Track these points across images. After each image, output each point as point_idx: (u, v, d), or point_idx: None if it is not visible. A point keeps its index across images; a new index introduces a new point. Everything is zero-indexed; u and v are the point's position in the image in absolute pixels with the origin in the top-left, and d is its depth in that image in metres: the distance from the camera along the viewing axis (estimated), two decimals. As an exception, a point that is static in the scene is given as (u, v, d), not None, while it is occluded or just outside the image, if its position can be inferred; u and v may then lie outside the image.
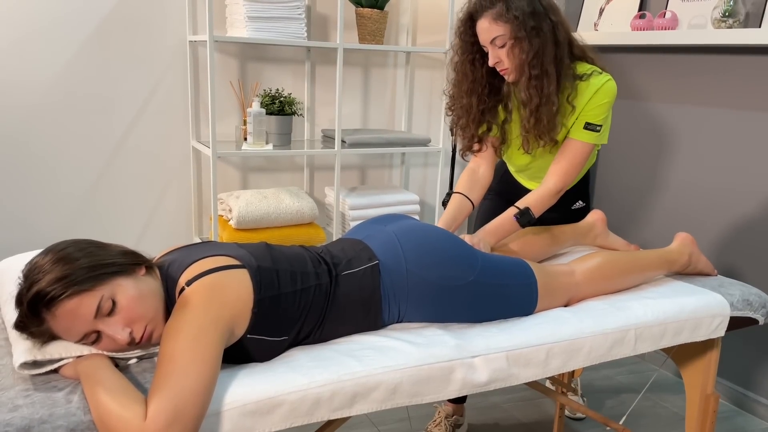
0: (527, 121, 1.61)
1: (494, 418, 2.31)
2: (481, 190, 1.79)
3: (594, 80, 1.62)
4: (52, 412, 0.92)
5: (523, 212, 1.64)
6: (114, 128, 2.54)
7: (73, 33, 2.41)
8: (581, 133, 1.65)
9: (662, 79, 2.69)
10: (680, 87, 2.62)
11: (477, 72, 1.66)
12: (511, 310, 1.39)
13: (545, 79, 1.56)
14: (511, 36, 1.54)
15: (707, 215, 2.55)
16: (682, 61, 2.60)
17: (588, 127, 1.64)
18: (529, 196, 1.68)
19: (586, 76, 1.63)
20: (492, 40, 1.56)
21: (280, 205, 2.54)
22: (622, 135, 2.90)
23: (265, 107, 2.53)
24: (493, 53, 1.58)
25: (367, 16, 2.68)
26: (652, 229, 2.80)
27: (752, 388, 2.44)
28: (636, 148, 2.84)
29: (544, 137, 1.63)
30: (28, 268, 1.04)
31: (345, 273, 1.26)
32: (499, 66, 1.60)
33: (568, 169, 1.67)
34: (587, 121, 1.64)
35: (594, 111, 1.63)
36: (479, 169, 1.80)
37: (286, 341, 1.17)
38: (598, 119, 1.64)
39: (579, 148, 1.67)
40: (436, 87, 3.12)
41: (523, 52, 1.54)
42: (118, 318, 1.04)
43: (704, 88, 2.52)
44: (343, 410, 1.10)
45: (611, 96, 1.63)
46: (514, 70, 1.59)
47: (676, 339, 1.45)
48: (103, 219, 2.60)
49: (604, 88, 1.62)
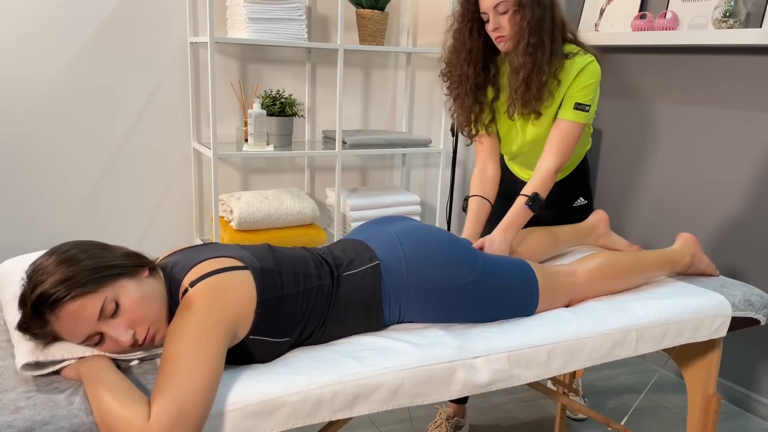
0: (517, 88, 1.66)
1: (495, 419, 2.31)
2: (494, 187, 1.82)
3: (578, 59, 1.67)
4: (54, 414, 0.93)
5: (533, 198, 1.66)
6: (115, 129, 2.55)
7: (74, 34, 2.41)
8: (571, 113, 1.69)
9: (663, 80, 2.69)
10: (681, 87, 2.62)
11: (474, 42, 1.70)
12: (512, 311, 1.39)
13: (540, 49, 1.61)
14: (515, 2, 1.58)
15: (709, 215, 2.55)
16: (683, 61, 2.60)
17: (578, 107, 1.68)
18: (531, 181, 1.70)
19: (572, 54, 1.68)
20: (495, 6, 1.60)
21: (281, 206, 2.54)
22: (624, 135, 2.90)
23: (266, 108, 2.53)
24: (494, 19, 1.62)
25: (368, 17, 2.68)
26: (654, 229, 2.80)
27: (754, 388, 2.44)
28: (638, 148, 2.84)
29: (529, 106, 1.67)
30: (32, 270, 1.04)
31: (346, 274, 1.26)
32: (497, 32, 1.63)
33: (561, 147, 1.70)
34: (576, 101, 1.68)
35: (582, 91, 1.67)
36: (487, 169, 1.83)
37: (288, 342, 1.17)
38: (587, 99, 1.68)
39: (570, 128, 1.70)
40: (436, 88, 3.12)
41: (524, 19, 1.59)
42: (122, 320, 1.04)
43: (705, 88, 2.52)
44: (345, 411, 1.10)
45: (597, 76, 1.68)
46: (511, 38, 1.63)
47: (678, 339, 1.45)
48: (105, 220, 2.60)
49: (588, 69, 1.67)
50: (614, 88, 2.91)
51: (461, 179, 3.28)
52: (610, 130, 2.96)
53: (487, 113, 1.78)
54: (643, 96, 2.78)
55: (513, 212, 1.66)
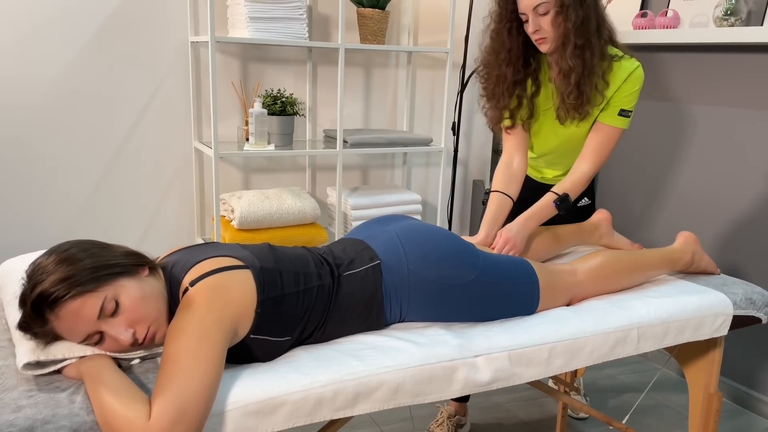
0: (568, 93, 1.61)
1: (497, 418, 2.31)
2: (518, 183, 1.75)
3: (626, 63, 1.64)
4: (56, 413, 0.93)
5: (562, 198, 1.65)
6: (116, 129, 2.55)
7: (75, 34, 2.41)
8: (615, 119, 1.67)
9: (664, 78, 2.69)
10: (682, 86, 2.61)
11: (514, 42, 1.64)
12: (512, 310, 1.39)
13: (588, 50, 1.56)
14: (556, 4, 1.54)
15: (710, 214, 2.55)
16: (683, 59, 2.60)
17: (622, 113, 1.66)
18: (565, 181, 1.68)
19: (618, 57, 1.64)
20: (535, 7, 1.55)
21: (282, 205, 2.54)
22: (625, 133, 2.90)
23: (267, 108, 2.53)
24: (534, 21, 1.57)
25: (369, 16, 2.68)
26: (654, 227, 2.80)
27: (755, 386, 2.43)
28: (638, 147, 2.83)
29: (582, 110, 1.63)
30: (32, 269, 1.04)
31: (347, 273, 1.26)
32: (537, 34, 1.58)
33: (601, 153, 1.68)
34: (622, 107, 1.65)
35: (628, 97, 1.65)
36: (513, 161, 1.77)
37: (289, 341, 1.17)
38: (631, 105, 1.66)
39: (611, 134, 1.68)
40: (437, 87, 3.12)
41: (569, 21, 1.54)
42: (122, 319, 1.04)
43: (706, 86, 2.52)
44: (346, 410, 1.10)
45: (641, 83, 1.65)
46: (553, 40, 1.58)
47: (679, 338, 1.45)
48: (106, 219, 2.61)
49: (636, 74, 1.64)
50: (615, 86, 2.91)
51: (462, 178, 3.28)
52: (612, 129, 2.96)
53: (525, 109, 1.73)
54: (644, 95, 2.78)
55: (540, 205, 1.64)
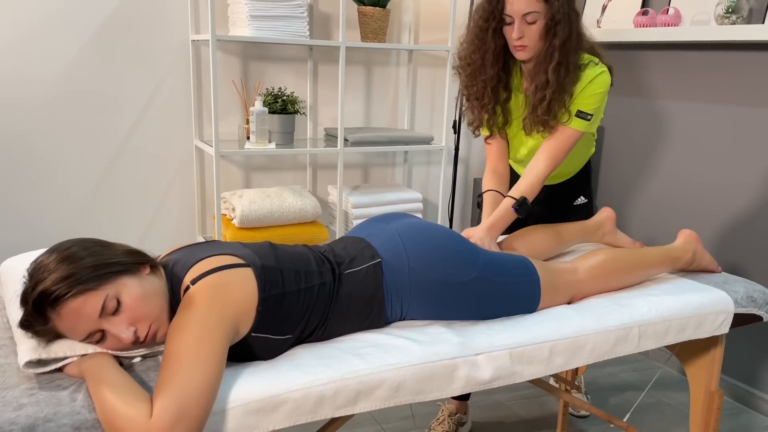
0: (538, 106, 1.61)
1: (498, 416, 2.31)
2: (507, 184, 1.81)
3: (589, 71, 1.64)
4: (57, 411, 0.93)
5: (520, 203, 1.64)
6: (117, 128, 2.55)
7: (76, 33, 2.41)
8: (573, 121, 1.66)
9: (665, 76, 2.68)
10: (683, 84, 2.61)
11: (497, 42, 1.64)
12: (513, 308, 1.39)
13: (564, 68, 1.57)
14: (548, 17, 1.54)
15: (711, 212, 2.55)
16: (685, 57, 2.59)
17: (579, 115, 1.65)
18: (520, 183, 1.67)
19: (584, 66, 1.64)
20: (525, 14, 1.54)
21: (283, 203, 2.54)
22: (625, 132, 2.90)
23: (268, 106, 2.53)
24: (519, 27, 1.56)
25: (370, 15, 2.68)
26: (655, 226, 2.80)
27: (756, 385, 2.43)
28: (639, 145, 2.83)
29: (547, 124, 1.64)
30: (33, 267, 1.04)
31: (348, 271, 1.26)
32: (519, 41, 1.58)
33: (556, 153, 1.67)
34: (579, 109, 1.64)
35: (587, 100, 1.64)
36: (498, 167, 1.82)
37: (290, 339, 1.17)
38: (590, 108, 1.64)
39: (569, 135, 1.67)
40: (438, 85, 3.12)
41: (557, 38, 1.54)
42: (123, 317, 1.05)
43: (708, 84, 2.52)
44: (347, 408, 1.10)
45: (605, 86, 1.64)
46: (533, 49, 1.58)
47: (680, 336, 1.45)
48: (107, 218, 2.61)
49: (598, 79, 1.63)
50: (616, 85, 2.91)
51: (463, 176, 3.28)
52: (612, 127, 2.96)
53: (500, 115, 1.75)
54: (645, 93, 2.78)
55: (499, 212, 1.63)
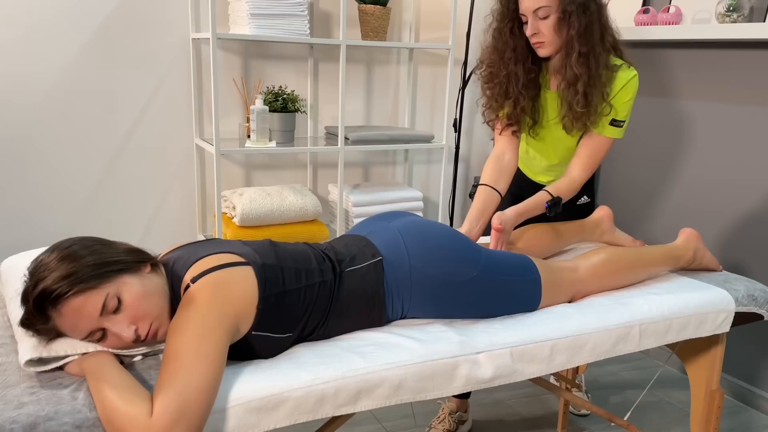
0: (576, 101, 1.57)
1: (498, 415, 2.31)
2: (508, 178, 1.73)
3: (622, 74, 1.62)
4: (58, 409, 0.93)
5: (555, 201, 1.63)
6: (118, 126, 2.55)
7: (77, 31, 2.41)
8: (606, 129, 1.66)
9: (666, 75, 2.68)
10: (685, 82, 2.61)
11: (518, 40, 1.62)
12: (514, 306, 1.39)
13: (593, 58, 1.54)
14: (558, 9, 1.52)
15: (712, 211, 2.54)
16: (686, 56, 2.59)
17: (614, 123, 1.65)
18: (559, 184, 1.66)
19: (616, 67, 1.63)
20: (535, 10, 1.53)
21: (284, 202, 2.54)
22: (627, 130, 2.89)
23: (269, 104, 2.53)
24: (533, 24, 1.55)
25: (370, 13, 2.67)
26: (657, 224, 2.80)
27: (757, 383, 2.43)
28: (641, 144, 2.83)
29: (590, 118, 1.60)
30: (34, 266, 1.04)
31: (349, 270, 1.26)
32: (535, 38, 1.57)
33: (592, 161, 1.67)
34: (614, 117, 1.64)
35: (621, 107, 1.63)
36: (504, 156, 1.74)
37: (290, 338, 1.17)
38: (623, 115, 1.64)
39: (602, 143, 1.67)
40: (439, 83, 3.11)
41: (572, 28, 1.52)
42: (124, 316, 1.05)
43: (709, 83, 2.51)
44: (348, 407, 1.10)
45: (635, 92, 1.64)
46: (551, 44, 1.56)
47: (681, 335, 1.45)
48: (108, 216, 2.61)
49: (631, 84, 1.62)
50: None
51: (464, 175, 3.28)
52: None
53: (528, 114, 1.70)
54: (647, 91, 2.77)
55: (532, 203, 1.62)
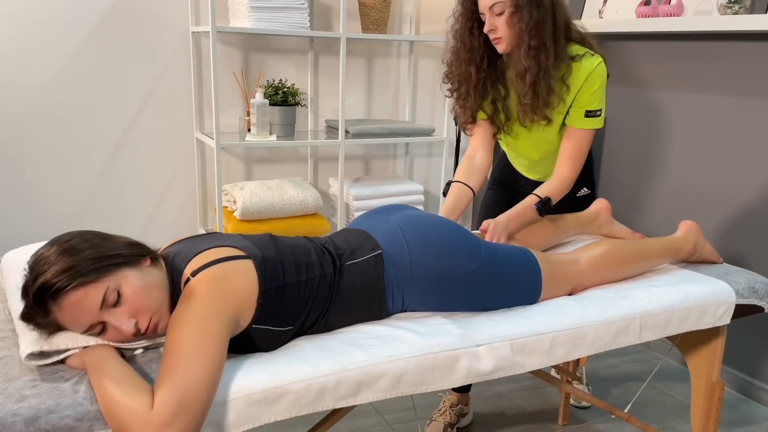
0: (524, 93, 1.62)
1: (499, 407, 2.31)
2: (480, 176, 1.79)
3: (586, 62, 1.64)
4: (59, 402, 0.93)
5: (544, 202, 1.66)
6: (118, 120, 2.55)
7: (77, 26, 2.40)
8: (583, 122, 1.68)
9: (668, 67, 2.67)
10: (686, 74, 2.60)
11: (475, 41, 1.67)
12: (515, 299, 1.39)
13: (543, 52, 1.58)
14: (511, 4, 1.56)
15: (712, 203, 2.54)
16: (687, 48, 2.58)
17: (588, 115, 1.67)
18: (548, 185, 1.69)
19: (578, 56, 1.65)
20: (491, 6, 1.57)
21: (284, 196, 2.54)
22: (627, 123, 2.89)
23: (269, 98, 2.53)
24: (489, 20, 1.59)
25: (370, 6, 2.66)
26: (657, 217, 2.80)
27: (758, 375, 2.44)
28: (641, 136, 2.82)
29: (539, 113, 1.64)
30: (34, 260, 1.04)
31: (349, 263, 1.26)
32: (492, 34, 1.61)
33: (577, 157, 1.70)
34: (587, 109, 1.66)
35: (591, 98, 1.65)
36: (476, 155, 1.80)
37: (291, 331, 1.18)
38: (596, 105, 1.66)
39: (583, 136, 1.69)
40: (439, 76, 3.10)
41: (522, 21, 1.56)
42: (124, 309, 1.05)
43: (710, 75, 2.50)
44: (348, 399, 1.11)
45: (603, 79, 1.66)
46: (507, 40, 1.60)
47: (682, 327, 1.45)
48: (108, 211, 2.61)
49: (596, 73, 1.64)
50: (618, 76, 2.90)
51: (465, 168, 3.27)
52: (615, 118, 2.95)
53: (501, 112, 1.75)
54: (648, 83, 2.76)
55: (521, 207, 1.65)
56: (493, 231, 1.56)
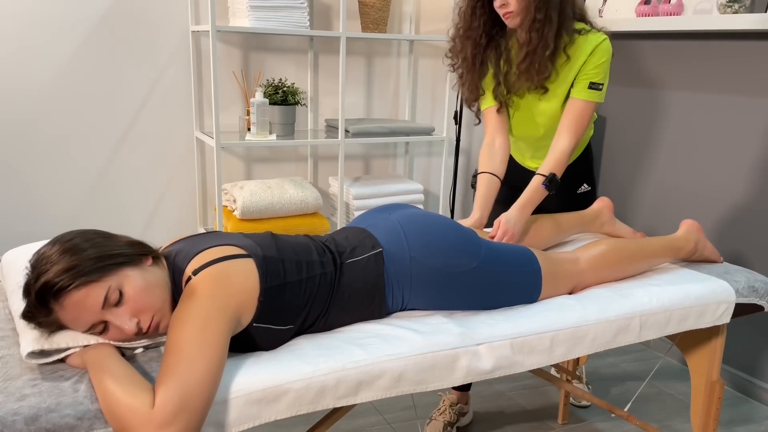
0: (520, 63, 1.66)
1: (499, 406, 2.31)
2: (502, 162, 1.80)
3: (591, 37, 1.68)
4: (60, 401, 0.93)
5: (550, 179, 1.67)
6: (118, 120, 2.55)
7: (77, 25, 2.40)
8: (586, 93, 1.70)
9: (668, 66, 2.67)
10: (686, 73, 2.60)
11: (476, 20, 1.71)
12: (515, 298, 1.39)
13: (547, 24, 1.61)
14: None
15: (713, 202, 2.54)
16: (687, 47, 2.58)
17: (592, 86, 1.69)
18: (547, 161, 1.71)
19: (585, 31, 1.68)
20: None
21: (285, 195, 2.54)
22: (627, 121, 2.89)
23: (269, 97, 2.53)
24: None
25: (370, 5, 2.66)
26: (657, 216, 2.80)
27: (757, 374, 2.44)
28: (641, 135, 2.83)
29: (533, 80, 1.68)
30: (36, 259, 1.04)
31: (349, 261, 1.26)
32: (503, 8, 1.63)
33: (576, 127, 1.71)
34: (591, 80, 1.69)
35: (595, 70, 1.68)
36: (495, 142, 1.81)
37: (291, 330, 1.18)
38: (599, 78, 1.69)
39: (584, 108, 1.71)
40: (440, 76, 3.11)
41: None
42: (126, 308, 1.05)
43: (710, 74, 2.50)
44: (348, 398, 1.11)
45: (609, 54, 1.69)
46: (518, 14, 1.63)
47: (681, 326, 1.45)
48: (109, 210, 2.61)
49: (602, 47, 1.67)
50: (619, 74, 2.90)
51: (464, 167, 3.28)
52: (615, 117, 2.95)
53: (503, 86, 1.77)
54: (648, 82, 2.77)
55: (529, 190, 1.67)
56: (505, 227, 1.57)
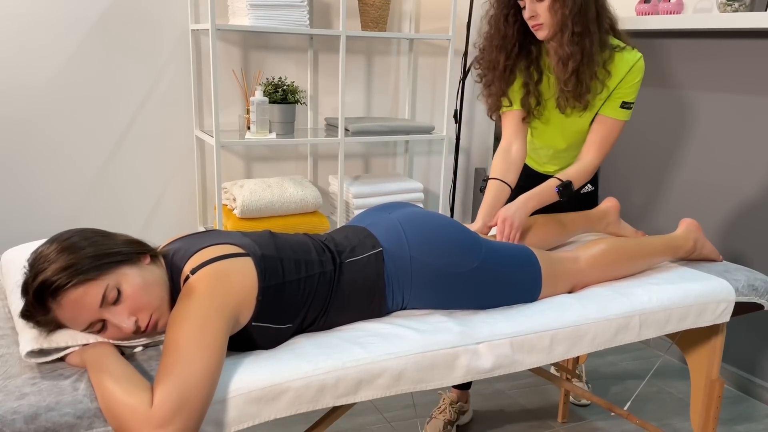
0: (566, 80, 1.60)
1: (499, 405, 2.31)
2: (517, 170, 1.74)
3: (628, 55, 1.64)
4: (59, 400, 0.93)
5: (565, 185, 1.64)
6: (118, 119, 2.55)
7: (76, 24, 2.40)
8: (618, 112, 1.68)
9: (667, 65, 2.67)
10: (686, 72, 2.60)
11: (509, 28, 1.65)
12: (515, 297, 1.39)
13: (587, 38, 1.56)
14: None
15: (713, 201, 2.54)
16: (687, 45, 2.58)
17: (624, 106, 1.67)
18: (571, 169, 1.68)
19: (620, 48, 1.64)
20: None
21: (284, 194, 2.54)
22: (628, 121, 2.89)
23: (268, 96, 2.52)
24: (530, 6, 1.57)
25: (370, 3, 2.66)
26: (657, 215, 2.80)
27: (757, 373, 2.44)
28: (641, 134, 2.82)
29: (582, 99, 1.62)
30: (34, 258, 1.04)
31: (349, 260, 1.26)
32: (533, 20, 1.59)
33: (604, 145, 1.69)
34: (624, 99, 1.66)
35: (630, 89, 1.66)
36: (512, 148, 1.75)
37: (290, 329, 1.18)
38: (632, 97, 1.67)
39: (614, 126, 1.69)
40: (439, 74, 3.10)
41: (566, 7, 1.54)
42: (124, 307, 1.05)
43: (711, 73, 2.50)
44: (348, 397, 1.11)
45: (642, 74, 1.67)
46: (549, 27, 1.58)
47: (681, 325, 1.45)
48: (108, 209, 2.61)
49: (638, 66, 1.65)
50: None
51: (464, 166, 3.28)
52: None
53: (533, 96, 1.72)
54: (648, 81, 2.76)
55: (542, 188, 1.64)
56: (504, 215, 1.54)
